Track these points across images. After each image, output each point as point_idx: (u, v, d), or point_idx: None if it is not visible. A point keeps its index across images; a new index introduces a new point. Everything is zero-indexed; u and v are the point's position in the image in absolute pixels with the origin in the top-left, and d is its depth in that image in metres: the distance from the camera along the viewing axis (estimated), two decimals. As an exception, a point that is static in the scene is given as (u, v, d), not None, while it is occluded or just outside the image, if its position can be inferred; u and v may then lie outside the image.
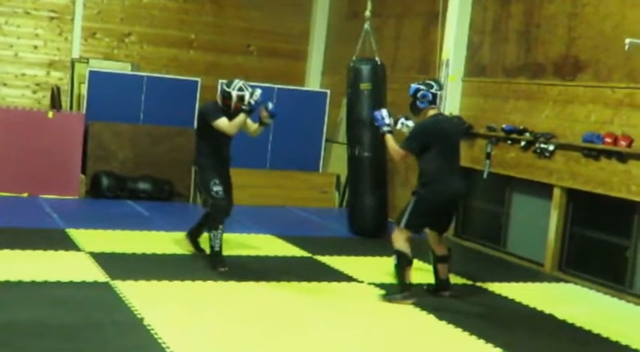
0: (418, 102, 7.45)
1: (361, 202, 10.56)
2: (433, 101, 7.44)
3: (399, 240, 7.32)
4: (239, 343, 5.95)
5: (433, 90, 7.43)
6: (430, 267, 7.83)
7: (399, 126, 7.68)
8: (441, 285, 7.74)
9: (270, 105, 8.17)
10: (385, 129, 7.60)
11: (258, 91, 8.05)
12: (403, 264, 7.30)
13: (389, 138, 7.56)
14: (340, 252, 9.35)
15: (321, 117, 13.23)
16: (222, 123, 7.99)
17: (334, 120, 13.52)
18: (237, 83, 8.09)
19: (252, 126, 8.31)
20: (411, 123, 7.66)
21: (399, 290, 7.38)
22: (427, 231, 7.65)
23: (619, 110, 8.57)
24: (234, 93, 8.03)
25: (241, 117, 7.99)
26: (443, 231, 7.72)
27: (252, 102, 8.00)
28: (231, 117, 8.02)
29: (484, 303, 7.74)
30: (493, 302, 7.81)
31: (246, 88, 8.07)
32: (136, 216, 10.69)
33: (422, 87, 7.44)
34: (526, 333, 6.90)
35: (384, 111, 7.73)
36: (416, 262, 7.53)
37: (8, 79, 12.87)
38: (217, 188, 8.08)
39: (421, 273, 8.00)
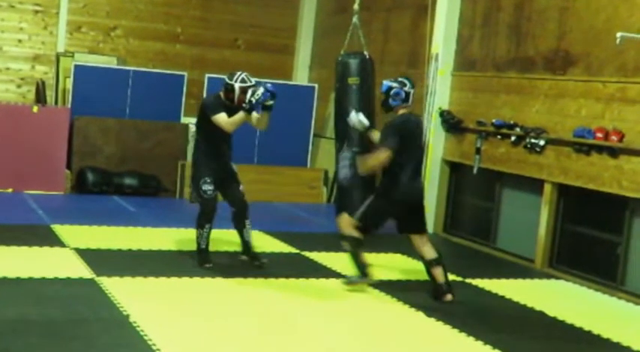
0: (390, 100, 7.38)
1: (349, 198, 10.47)
2: (406, 99, 7.37)
3: (347, 225, 7.43)
4: (226, 340, 5.88)
5: (406, 89, 7.37)
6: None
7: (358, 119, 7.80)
8: (440, 290, 7.42)
9: (265, 88, 7.58)
10: (368, 129, 7.82)
11: (261, 90, 7.57)
12: (356, 247, 7.39)
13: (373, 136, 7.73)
14: (328, 248, 9.27)
15: (308, 111, 13.16)
16: (221, 119, 7.71)
17: (322, 115, 13.45)
18: (240, 75, 7.80)
19: (255, 118, 7.86)
20: (362, 118, 7.78)
21: (360, 273, 7.44)
22: (410, 236, 7.51)
23: (610, 104, 8.52)
24: (237, 86, 7.74)
25: (240, 115, 7.66)
26: (422, 232, 7.52)
27: (253, 100, 7.57)
28: (234, 111, 7.73)
29: (474, 300, 7.70)
30: (483, 299, 7.76)
31: (249, 80, 7.77)
32: (122, 212, 10.61)
33: (395, 85, 7.38)
34: (516, 330, 6.85)
35: (361, 115, 7.82)
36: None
37: (-8, 73, 12.78)
38: (207, 187, 7.87)
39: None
